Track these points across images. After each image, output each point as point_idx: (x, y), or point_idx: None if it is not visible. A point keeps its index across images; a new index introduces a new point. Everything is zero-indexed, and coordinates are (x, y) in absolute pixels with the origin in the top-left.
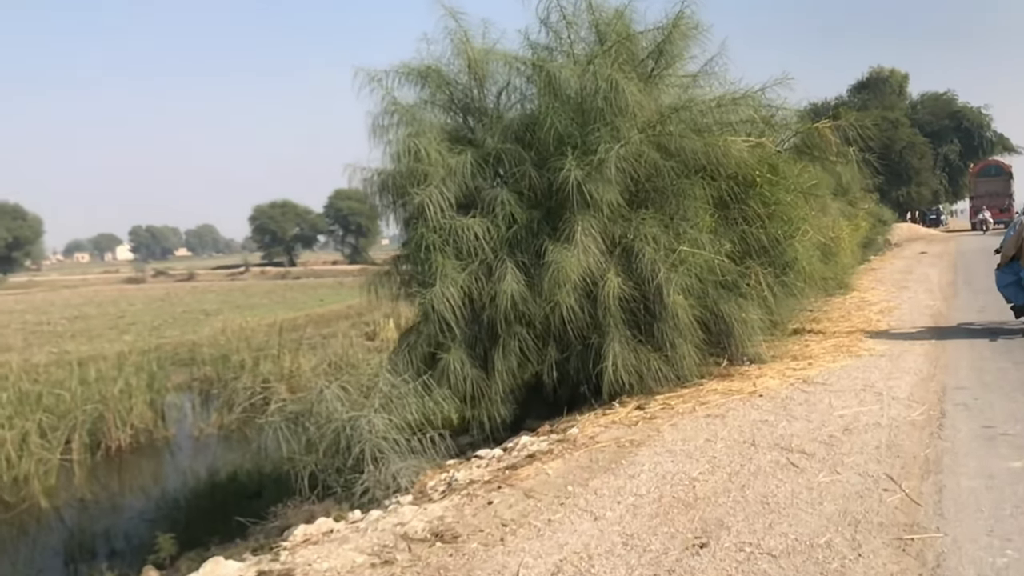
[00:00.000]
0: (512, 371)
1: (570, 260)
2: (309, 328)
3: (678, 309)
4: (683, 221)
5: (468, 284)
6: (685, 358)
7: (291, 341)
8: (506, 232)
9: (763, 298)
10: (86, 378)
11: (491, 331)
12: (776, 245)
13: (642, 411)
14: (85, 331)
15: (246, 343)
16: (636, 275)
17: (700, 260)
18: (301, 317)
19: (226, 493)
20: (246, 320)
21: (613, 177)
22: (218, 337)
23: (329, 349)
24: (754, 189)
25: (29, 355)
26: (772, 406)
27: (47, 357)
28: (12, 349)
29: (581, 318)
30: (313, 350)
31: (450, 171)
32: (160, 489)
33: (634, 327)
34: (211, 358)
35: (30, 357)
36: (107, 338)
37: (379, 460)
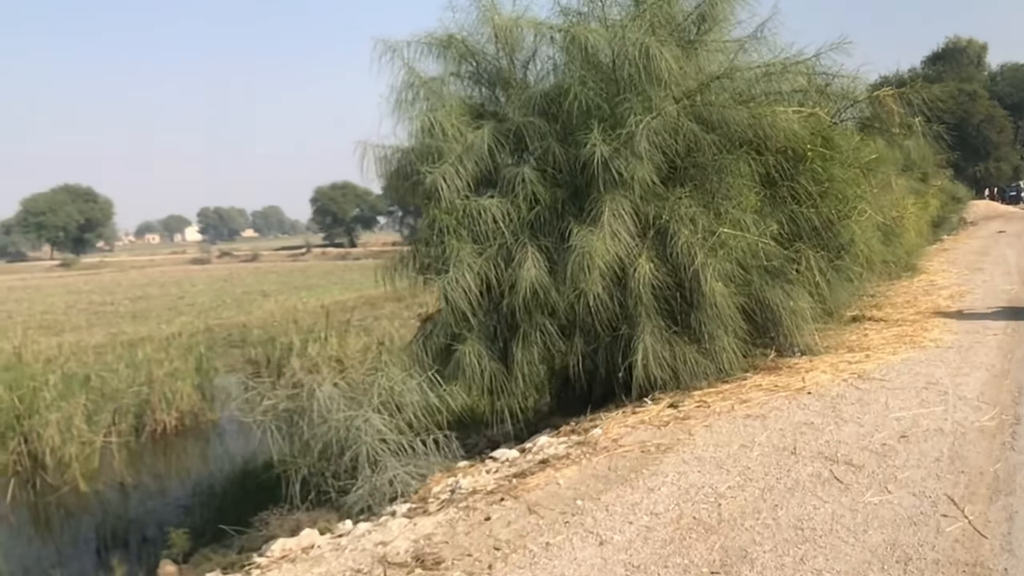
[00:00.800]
0: (534, 364)
1: (596, 244)
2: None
3: (717, 297)
4: (725, 200)
5: (485, 270)
6: (725, 351)
7: (342, 322)
8: (527, 213)
9: (814, 284)
10: (134, 360)
11: (511, 321)
12: (829, 226)
13: (675, 410)
14: (145, 312)
15: (295, 324)
16: (671, 260)
17: (743, 243)
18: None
19: (245, 488)
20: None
21: (645, 152)
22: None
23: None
24: (805, 164)
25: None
26: (820, 406)
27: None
28: (75, 329)
29: (610, 307)
30: (364, 332)
31: (468, 148)
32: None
33: (668, 317)
34: (260, 340)
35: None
36: (165, 319)
37: (377, 464)
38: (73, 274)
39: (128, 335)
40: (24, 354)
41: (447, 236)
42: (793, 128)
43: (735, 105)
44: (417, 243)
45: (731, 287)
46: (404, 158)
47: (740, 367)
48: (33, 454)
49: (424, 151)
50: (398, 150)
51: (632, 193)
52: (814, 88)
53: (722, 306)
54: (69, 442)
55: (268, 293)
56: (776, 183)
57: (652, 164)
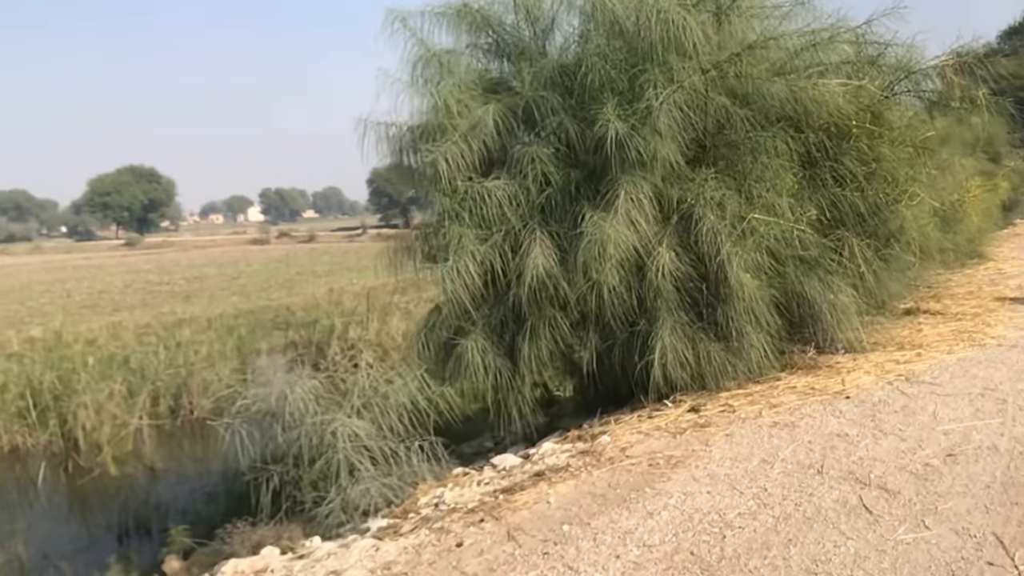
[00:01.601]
0: (543, 362)
1: (609, 231)
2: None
3: (745, 290)
4: (758, 182)
5: (490, 259)
6: (754, 349)
7: (385, 305)
8: (538, 197)
9: (858, 275)
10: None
11: (518, 314)
12: (877, 212)
13: (696, 414)
14: (199, 292)
15: (338, 307)
16: (696, 249)
17: (776, 230)
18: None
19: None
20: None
21: (666, 129)
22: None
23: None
24: (849, 143)
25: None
26: (858, 413)
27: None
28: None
29: (627, 300)
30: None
31: (474, 125)
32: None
33: (692, 312)
34: (304, 322)
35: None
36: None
37: (353, 474)
38: (136, 253)
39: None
40: (65, 335)
41: (448, 221)
42: (837, 103)
43: (771, 77)
44: (423, 229)
45: (762, 279)
46: (407, 137)
47: (773, 366)
48: (67, 435)
49: (428, 129)
50: (402, 128)
51: (652, 175)
52: (865, 60)
53: (751, 300)
54: (103, 425)
55: (320, 274)
56: (816, 164)
57: (676, 143)
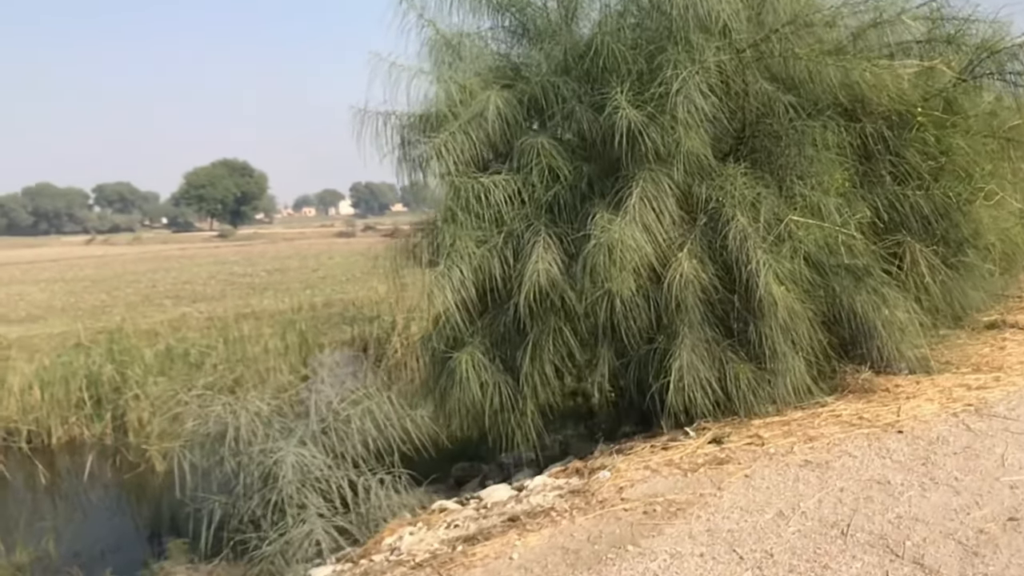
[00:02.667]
0: (547, 380)
1: (615, 234)
2: None
3: (779, 304)
4: (801, 179)
5: (489, 263)
6: (790, 372)
7: None
8: (545, 194)
9: (922, 286)
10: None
11: (519, 326)
12: (945, 213)
13: (718, 446)
14: (278, 284)
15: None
16: (724, 256)
17: (819, 235)
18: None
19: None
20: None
21: (688, 117)
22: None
23: None
24: (912, 133)
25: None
26: (908, 454)
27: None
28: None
29: (644, 313)
30: None
31: (477, 114)
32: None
33: (720, 328)
34: (368, 317)
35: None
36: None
37: (303, 511)
38: (227, 245)
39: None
40: (127, 327)
41: (443, 222)
42: (901, 87)
43: (823, 58)
44: (427, 229)
45: (800, 291)
46: (408, 129)
47: (818, 390)
48: (119, 429)
49: (430, 120)
50: (402, 118)
51: (674, 170)
52: (940, 39)
53: (787, 316)
54: (153, 418)
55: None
56: (873, 158)
57: (704, 133)
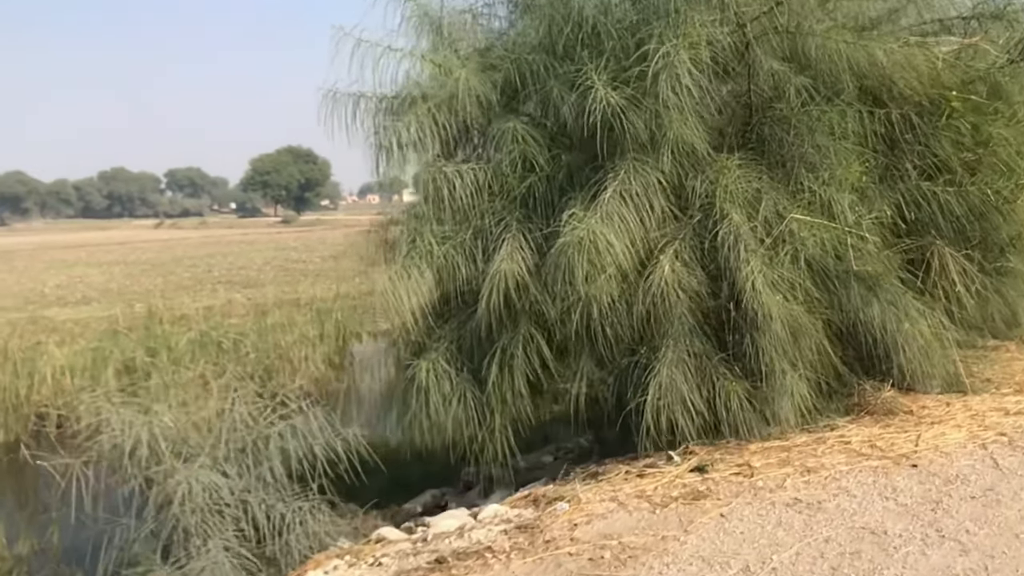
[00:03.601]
0: (518, 393)
1: (581, 232)
2: None
3: (775, 316)
4: (812, 172)
5: (454, 262)
6: (788, 393)
7: None
8: (518, 185)
9: (953, 296)
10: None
11: (488, 332)
12: (983, 213)
13: (700, 475)
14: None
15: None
16: (715, 258)
17: (825, 236)
18: None
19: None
20: None
21: (676, 100)
22: None
23: None
24: (944, 120)
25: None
26: (918, 495)
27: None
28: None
29: (625, 321)
30: None
31: (449, 96)
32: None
33: (711, 340)
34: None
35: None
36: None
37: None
38: (289, 230)
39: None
40: (163, 313)
41: (404, 215)
42: (935, 68)
43: (841, 33)
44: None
45: (802, 300)
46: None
47: (831, 410)
48: None
49: (400, 102)
50: (370, 100)
51: (661, 160)
52: (987, 14)
53: (782, 329)
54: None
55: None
56: (897, 148)
57: (699, 119)
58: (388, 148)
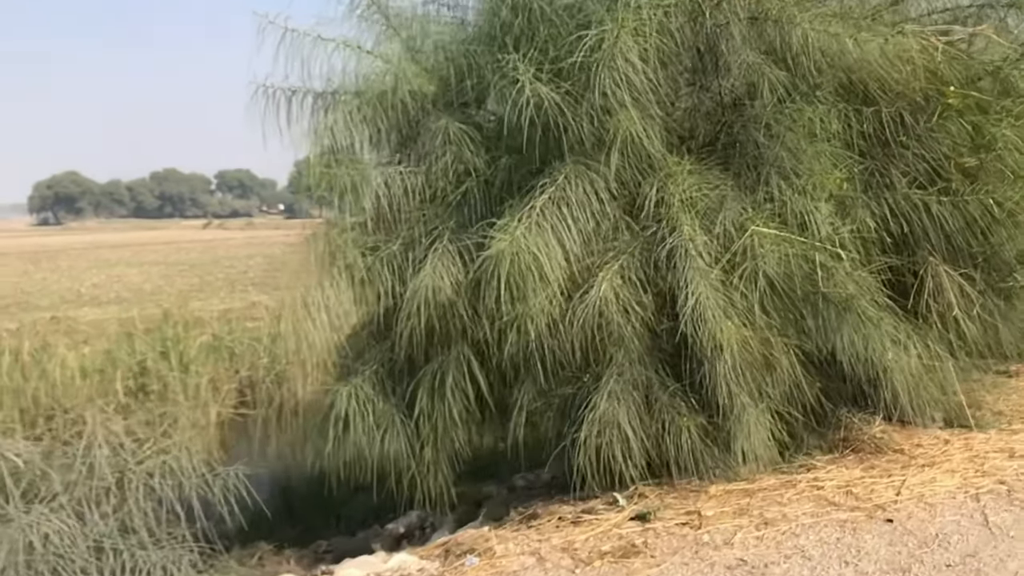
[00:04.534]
0: (453, 422)
1: (502, 245)
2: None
3: (728, 344)
4: (784, 178)
5: (378, 277)
6: (746, 431)
7: None
8: (453, 191)
9: (951, 321)
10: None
11: (425, 355)
12: (985, 228)
13: (642, 523)
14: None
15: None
16: (667, 276)
17: (789, 251)
18: None
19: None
20: None
21: (622, 95)
22: None
23: None
24: (935, 120)
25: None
26: (885, 560)
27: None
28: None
29: (566, 346)
30: None
31: (380, 93)
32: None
33: (664, 369)
34: None
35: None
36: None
37: None
38: None
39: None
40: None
41: (325, 224)
42: (933, 59)
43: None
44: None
45: (759, 327)
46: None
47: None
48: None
49: (335, 100)
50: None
51: (608, 164)
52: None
53: (735, 359)
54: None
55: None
56: (888, 150)
57: (655, 119)
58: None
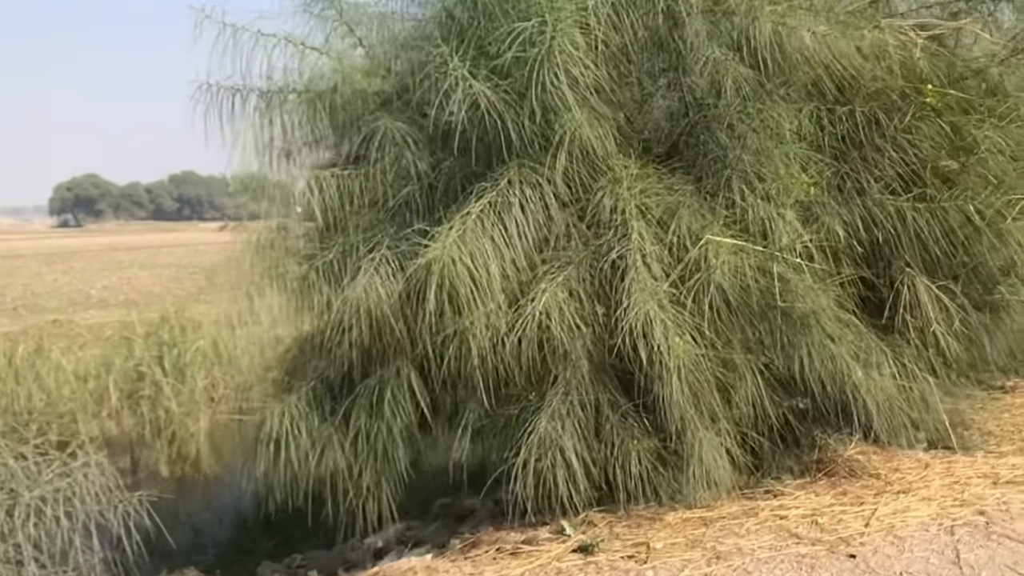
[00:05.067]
0: (392, 442)
1: (435, 253)
2: None
3: (672, 364)
4: (746, 183)
5: (314, 287)
6: (700, 457)
7: None
8: (394, 196)
9: (931, 337)
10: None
11: (352, 371)
12: (968, 238)
13: (584, 556)
14: None
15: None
16: (615, 288)
17: (743, 262)
18: None
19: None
20: None
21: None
22: None
23: None
24: (913, 120)
25: None
26: None
27: None
28: None
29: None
30: None
31: (320, 92)
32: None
33: (612, 387)
34: None
35: None
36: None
37: None
38: None
39: None
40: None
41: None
42: (911, 56)
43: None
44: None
45: (712, 344)
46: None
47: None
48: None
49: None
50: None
51: (555, 167)
52: None
53: (682, 379)
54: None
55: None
56: (860, 152)
57: (605, 118)
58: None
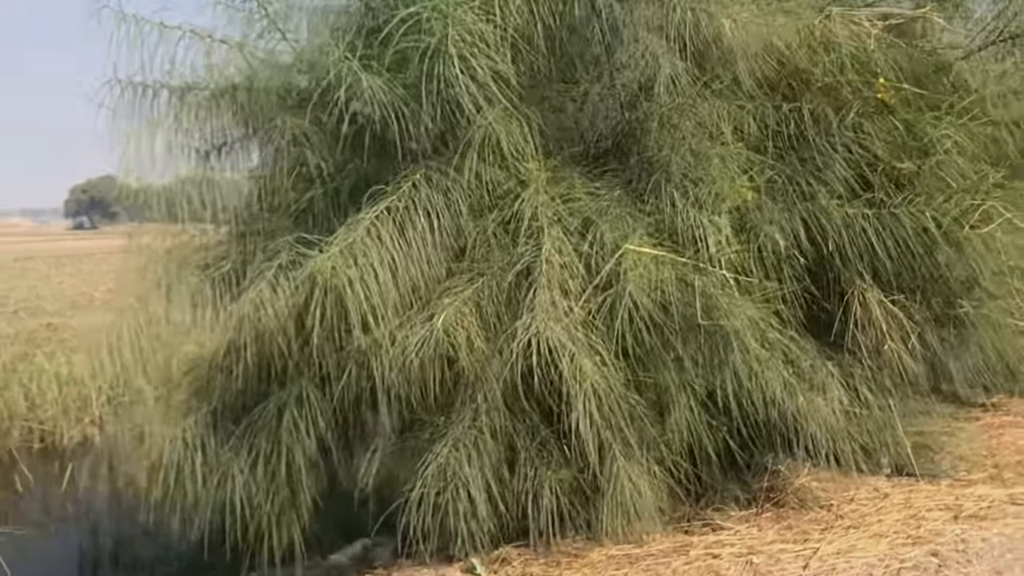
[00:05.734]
0: (295, 468)
1: (322, 264)
2: None
3: (586, 390)
4: (676, 187)
5: (209, 299)
6: (618, 489)
7: None
8: (297, 199)
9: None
10: None
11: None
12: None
13: None
14: None
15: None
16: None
17: (661, 275)
18: None
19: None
20: None
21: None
22: None
23: None
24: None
25: None
26: None
27: None
28: None
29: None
30: None
31: (222, 89)
32: None
33: (526, 414)
34: None
35: None
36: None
37: None
38: None
39: None
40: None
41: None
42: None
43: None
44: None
45: (630, 368)
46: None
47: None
48: None
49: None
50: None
51: (463, 171)
52: None
53: (588, 403)
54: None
55: None
56: (807, 153)
57: (524, 117)
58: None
